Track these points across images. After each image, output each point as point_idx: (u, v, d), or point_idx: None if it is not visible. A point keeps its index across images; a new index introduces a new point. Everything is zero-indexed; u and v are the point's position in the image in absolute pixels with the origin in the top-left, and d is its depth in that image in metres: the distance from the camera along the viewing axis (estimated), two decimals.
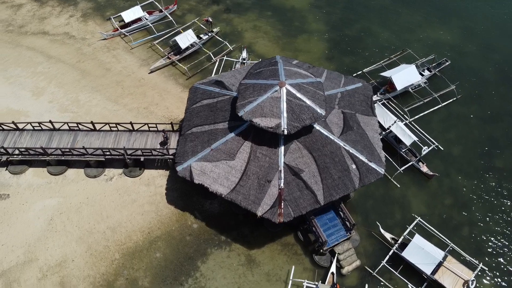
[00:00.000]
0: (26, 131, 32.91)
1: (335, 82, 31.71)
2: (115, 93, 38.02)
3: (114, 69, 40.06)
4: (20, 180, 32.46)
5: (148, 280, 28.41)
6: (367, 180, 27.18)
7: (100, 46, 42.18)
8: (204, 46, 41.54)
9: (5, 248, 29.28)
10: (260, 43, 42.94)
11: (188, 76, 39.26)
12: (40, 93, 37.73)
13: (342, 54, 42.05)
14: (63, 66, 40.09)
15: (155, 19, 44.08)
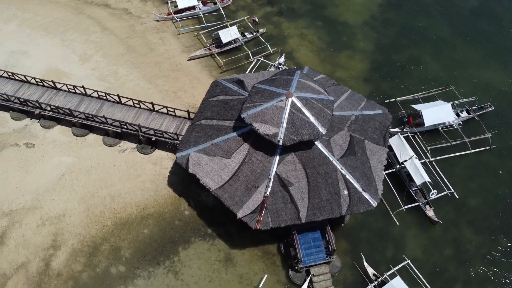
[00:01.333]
0: (62, 91, 35.90)
1: (354, 104, 30.94)
2: (151, 73, 40.04)
3: (157, 50, 42.16)
4: (47, 134, 35.53)
5: (130, 252, 29.93)
6: (356, 209, 26.40)
7: (151, 27, 44.55)
8: (245, 44, 42.30)
9: (18, 191, 32.33)
10: (301, 51, 42.80)
11: (223, 70, 40.28)
12: (86, 60, 40.82)
13: (382, 78, 40.66)
14: (113, 39, 42.96)
15: (207, 10, 45.61)
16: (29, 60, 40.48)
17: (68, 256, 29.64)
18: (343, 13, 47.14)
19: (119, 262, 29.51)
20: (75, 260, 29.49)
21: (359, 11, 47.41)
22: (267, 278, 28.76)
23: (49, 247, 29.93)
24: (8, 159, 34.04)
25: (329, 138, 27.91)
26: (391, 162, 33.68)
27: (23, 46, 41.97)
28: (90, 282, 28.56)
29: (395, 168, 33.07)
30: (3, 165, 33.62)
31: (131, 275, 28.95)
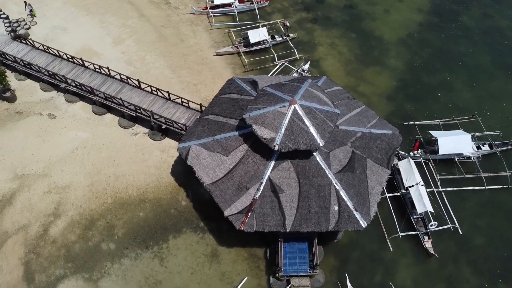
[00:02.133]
0: (89, 69, 37.63)
1: (363, 120, 30.18)
2: (176, 63, 41.06)
3: (187, 42, 43.14)
4: (69, 108, 37.38)
5: (123, 232, 30.93)
6: (344, 227, 25.79)
7: (186, 19, 45.65)
8: (273, 47, 42.34)
9: (33, 157, 34.28)
10: (328, 61, 42.26)
11: (246, 69, 40.59)
12: (118, 43, 42.51)
13: (406, 98, 39.31)
14: (148, 26, 44.43)
15: (243, 9, 46.09)
16: (67, 36, 42.77)
17: (66, 226, 31.11)
18: (379, 28, 46.03)
19: (111, 239, 30.60)
20: (71, 231, 30.90)
21: (396, 28, 46.09)
22: (248, 280, 28.77)
23: (50, 214, 31.56)
24: (30, 126, 36.17)
25: (330, 151, 27.43)
26: (396, 185, 32.64)
27: (65, 23, 44.40)
28: (81, 254, 29.83)
29: (400, 193, 31.97)
30: (24, 131, 35.78)
31: (119, 254, 29.94)
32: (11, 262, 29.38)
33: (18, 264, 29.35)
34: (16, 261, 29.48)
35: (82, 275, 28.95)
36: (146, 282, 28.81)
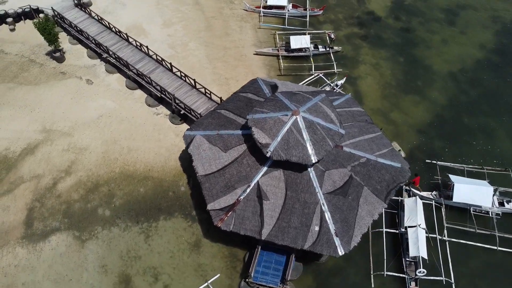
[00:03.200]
0: (131, 45, 39.68)
1: (373, 147, 28.83)
2: (215, 55, 41.93)
3: (232, 37, 43.87)
4: (106, 77, 39.71)
5: (120, 202, 32.38)
6: (319, 250, 24.98)
7: (237, 14, 46.40)
8: (314, 57, 41.72)
9: (63, 115, 36.94)
10: (366, 81, 40.80)
11: (281, 73, 40.43)
12: (167, 26, 44.31)
13: (438, 135, 36.85)
14: (199, 15, 45.80)
15: (294, 14, 45.85)
16: (122, 11, 45.40)
17: (73, 184, 33.22)
18: (431, 57, 43.51)
19: (108, 206, 32.18)
20: (76, 190, 32.95)
21: (450, 60, 43.27)
22: (220, 277, 28.87)
23: (62, 171, 33.88)
24: (68, 87, 38.98)
25: (326, 170, 26.64)
26: (398, 222, 30.86)
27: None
28: (78, 213, 31.73)
29: (398, 230, 30.21)
30: (63, 90, 38.64)
31: (111, 221, 31.42)
32: (18, 205, 32.03)
33: (23, 209, 31.92)
34: (22, 205, 32.09)
35: (73, 233, 30.84)
36: (127, 254, 29.99)
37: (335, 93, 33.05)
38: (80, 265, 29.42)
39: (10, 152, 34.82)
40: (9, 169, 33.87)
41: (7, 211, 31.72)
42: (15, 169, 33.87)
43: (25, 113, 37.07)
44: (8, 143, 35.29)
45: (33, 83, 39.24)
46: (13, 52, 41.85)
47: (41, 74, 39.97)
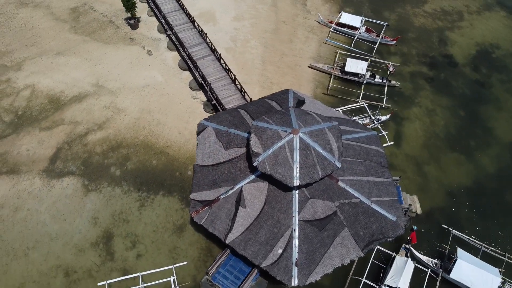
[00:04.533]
0: (195, 29, 41.70)
1: (375, 191, 26.84)
2: (271, 58, 42.24)
3: (294, 45, 43.76)
4: (165, 53, 42.31)
5: (131, 167, 34.59)
6: (274, 272, 24.31)
7: (308, 24, 46.04)
8: (366, 85, 39.94)
9: (116, 76, 40.30)
10: (413, 124, 37.98)
11: (326, 92, 39.46)
12: (237, 20, 45.63)
13: (469, 205, 33.05)
14: (272, 17, 46.37)
15: (365, 37, 44.14)
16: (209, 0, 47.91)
17: (100, 139, 36.26)
18: (498, 120, 38.97)
19: (120, 168, 34.60)
20: (101, 144, 35.93)
21: None
22: (187, 265, 29.55)
23: (97, 124, 37.11)
24: (131, 52, 42.34)
25: (311, 197, 25.72)
26: (381, 277, 28.61)
27: None
28: (94, 165, 34.64)
29: (378, 286, 28.00)
30: (125, 54, 42.11)
31: (117, 181, 33.79)
32: (51, 142, 35.93)
33: (54, 146, 35.73)
34: (54, 143, 35.92)
35: (83, 180, 33.79)
36: (119, 215, 32.07)
37: (360, 126, 31.42)
38: (77, 210, 32.22)
39: (63, 95, 39.10)
40: (56, 110, 38.08)
41: (41, 144, 35.81)
42: (61, 111, 37.97)
43: (88, 66, 41.21)
44: (65, 87, 39.63)
45: (104, 42, 43.36)
46: (100, 10, 46.60)
47: (114, 35, 43.98)
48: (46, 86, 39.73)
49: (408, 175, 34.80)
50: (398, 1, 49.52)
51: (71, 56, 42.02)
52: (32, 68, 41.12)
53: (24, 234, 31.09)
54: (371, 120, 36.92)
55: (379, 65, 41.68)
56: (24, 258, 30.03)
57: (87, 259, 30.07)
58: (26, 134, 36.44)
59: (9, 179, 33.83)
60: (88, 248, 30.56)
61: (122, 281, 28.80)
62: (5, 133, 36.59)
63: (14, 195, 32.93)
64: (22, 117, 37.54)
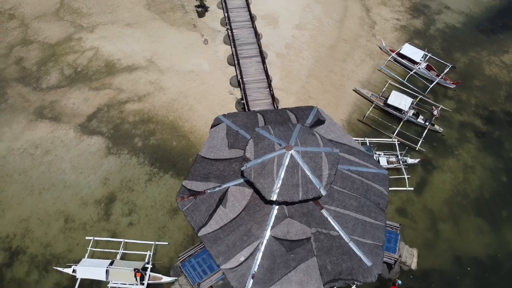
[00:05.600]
0: (252, 29, 42.62)
1: (359, 230, 25.46)
2: (317, 72, 41.70)
3: (346, 65, 42.68)
4: (219, 45, 43.81)
5: (153, 142, 36.65)
6: (230, 277, 24.23)
7: (369, 48, 44.50)
8: (406, 122, 37.74)
9: (168, 57, 42.73)
10: (443, 176, 35.18)
11: (361, 120, 38.07)
12: (298, 28, 45.56)
13: (479, 279, 29.99)
14: (334, 32, 45.59)
15: (423, 74, 41.56)
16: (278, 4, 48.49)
17: (136, 109, 38.89)
18: None
19: (143, 140, 36.84)
20: (134, 115, 38.52)
21: None
22: (168, 246, 30.99)
23: (137, 95, 39.81)
24: (189, 38, 44.53)
25: (289, 216, 25.33)
26: None
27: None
28: (122, 131, 37.31)
29: None
30: (184, 37, 44.38)
31: (136, 152, 36.10)
32: (94, 102, 39.35)
33: (95, 106, 39.10)
34: (97, 103, 39.31)
35: (108, 143, 36.62)
36: (127, 182, 34.32)
37: (373, 161, 29.83)
38: (94, 168, 35.11)
39: (118, 63, 42.48)
40: (108, 74, 41.54)
41: (85, 102, 39.43)
42: (112, 76, 41.33)
43: (148, 41, 44.23)
44: (122, 56, 43.01)
45: (170, 23, 46.12)
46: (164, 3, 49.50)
47: (180, 19, 46.56)
48: (108, 51, 43.50)
49: (418, 227, 32.55)
50: (476, 45, 45.78)
51: (137, 29, 45.43)
52: (102, 32, 45.25)
53: (45, 175, 34.71)
54: (397, 160, 35.00)
55: (427, 105, 39.12)
56: (38, 196, 33.61)
57: (87, 213, 32.78)
58: (77, 89, 40.39)
59: (50, 124, 37.87)
60: (91, 204, 33.28)
61: (107, 242, 31.11)
62: (61, 84, 40.91)
63: (49, 140, 36.81)
64: (79, 74, 41.60)
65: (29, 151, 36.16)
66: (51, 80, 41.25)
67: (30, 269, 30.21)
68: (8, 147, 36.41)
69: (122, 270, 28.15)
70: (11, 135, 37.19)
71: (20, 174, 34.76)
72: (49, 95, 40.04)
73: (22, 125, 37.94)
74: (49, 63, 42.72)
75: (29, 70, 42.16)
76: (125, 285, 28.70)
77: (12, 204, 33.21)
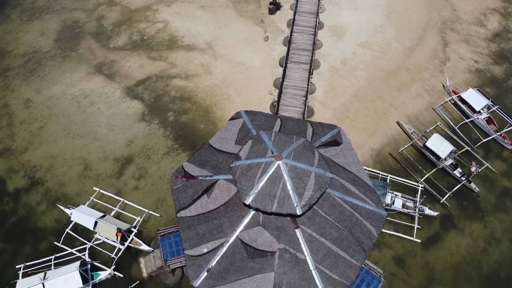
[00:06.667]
0: (313, 36, 41.99)
1: (327, 263, 24.37)
2: (365, 95, 39.80)
3: (398, 95, 40.07)
4: (277, 45, 43.97)
5: (183, 120, 38.36)
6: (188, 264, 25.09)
7: (431, 84, 41.06)
8: (440, 170, 34.57)
9: (226, 45, 44.07)
10: (461, 239, 31.68)
11: (392, 155, 35.74)
12: (362, 46, 43.75)
13: None
14: (399, 58, 42.89)
15: (480, 124, 37.41)
16: (348, 10, 47.13)
17: (180, 86, 40.82)
18: None
19: (176, 116, 38.74)
20: (177, 91, 40.52)
21: None
22: (160, 218, 32.65)
23: (186, 74, 41.78)
24: (252, 31, 45.37)
25: (261, 224, 25.06)
26: None
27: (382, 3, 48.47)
28: (161, 102, 39.58)
29: None
30: (247, 30, 45.34)
31: (165, 125, 38.10)
32: (147, 70, 42.13)
33: (146, 73, 41.89)
34: (148, 71, 42.06)
35: (145, 110, 39.16)
36: (147, 150, 36.56)
37: (376, 199, 27.93)
38: (125, 129, 37.85)
39: (181, 39, 44.83)
40: (168, 48, 44.12)
41: (140, 68, 42.40)
42: (170, 51, 43.81)
43: (214, 26, 45.92)
44: (187, 34, 45.27)
45: (240, 13, 47.30)
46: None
47: (251, 11, 47.47)
48: (176, 27, 46.11)
49: (411, 282, 30.06)
50: None
51: (208, 13, 47.35)
52: (177, 9, 47.98)
53: (83, 123, 38.26)
54: (414, 206, 32.44)
55: (471, 159, 35.37)
56: (71, 139, 37.24)
57: (104, 167, 35.59)
58: (136, 55, 43.57)
59: (103, 80, 41.47)
60: (110, 160, 36.02)
61: (110, 198, 33.45)
62: (126, 47, 44.41)
63: (98, 93, 40.37)
64: (144, 42, 44.75)
65: (78, 99, 40.08)
66: (119, 41, 44.99)
67: (41, 200, 33.85)
68: (63, 90, 40.73)
69: (108, 226, 30.20)
70: (70, 81, 41.47)
71: (64, 117, 38.78)
72: (112, 54, 43.78)
73: (81, 75, 42.09)
74: (123, 26, 46.59)
75: (105, 28, 46.42)
76: (108, 241, 30.81)
77: (48, 141, 37.26)
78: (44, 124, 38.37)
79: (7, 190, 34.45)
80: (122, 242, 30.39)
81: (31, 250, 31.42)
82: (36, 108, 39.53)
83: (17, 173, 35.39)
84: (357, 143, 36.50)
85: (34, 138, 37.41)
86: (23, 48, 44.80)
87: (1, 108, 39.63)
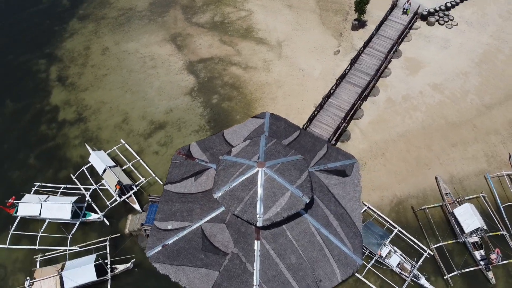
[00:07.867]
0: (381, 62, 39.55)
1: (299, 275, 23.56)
2: (413, 139, 36.31)
3: (451, 150, 35.60)
4: (343, 62, 42.22)
5: (224, 106, 39.56)
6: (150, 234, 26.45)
7: (496, 150, 35.58)
8: (461, 245, 30.36)
9: (294, 46, 43.77)
10: None
11: (414, 210, 32.36)
12: (433, 88, 39.68)
13: None
14: (469, 112, 38.01)
15: None
16: (436, 48, 42.90)
17: (235, 74, 41.92)
18: None
19: (219, 100, 40.07)
20: (231, 78, 41.74)
21: None
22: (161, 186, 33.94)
23: (246, 64, 42.70)
24: (326, 41, 44.19)
25: (226, 224, 25.05)
26: None
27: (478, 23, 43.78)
28: (211, 83, 41.21)
29: None
30: (322, 39, 44.32)
31: (205, 105, 39.66)
32: (213, 51, 43.96)
33: (210, 54, 43.73)
34: (214, 53, 43.79)
35: (195, 86, 41.17)
36: (180, 122, 38.56)
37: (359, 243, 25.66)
38: (171, 97, 40.38)
39: (256, 32, 45.81)
40: (240, 36, 45.52)
41: (208, 47, 44.50)
42: (241, 39, 45.10)
43: (291, 27, 45.80)
44: (264, 27, 46.06)
45: (322, 21, 46.31)
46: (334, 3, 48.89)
47: (334, 23, 46.06)
48: (256, 19, 47.08)
49: None
50: None
51: (292, 13, 47.33)
52: (265, 2, 48.93)
53: (139, 81, 41.58)
54: (410, 270, 29.20)
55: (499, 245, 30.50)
56: (123, 92, 40.86)
57: (139, 125, 38.54)
58: (210, 35, 45.66)
59: (173, 49, 44.51)
60: (147, 120, 38.79)
61: (130, 153, 35.98)
62: (205, 25, 46.81)
63: (162, 59, 43.47)
64: (222, 25, 46.64)
65: (145, 59, 43.54)
66: (202, 19, 47.48)
67: (78, 135, 37.94)
68: (136, 48, 44.56)
69: (113, 176, 32.63)
70: (145, 42, 45.18)
71: (127, 71, 42.54)
72: (190, 28, 46.47)
73: (157, 39, 45.54)
74: (211, 5, 48.98)
75: (195, 3, 49.32)
76: (110, 189, 33.23)
77: (106, 88, 41.31)
78: (109, 72, 42.58)
79: (57, 118, 39.24)
80: (120, 195, 32.70)
81: (52, 174, 35.55)
82: (109, 57, 43.98)
83: (71, 106, 40.03)
84: (382, 184, 34.12)
85: (96, 82, 41.78)
86: (122, 3, 49.87)
87: (83, 48, 44.95)
